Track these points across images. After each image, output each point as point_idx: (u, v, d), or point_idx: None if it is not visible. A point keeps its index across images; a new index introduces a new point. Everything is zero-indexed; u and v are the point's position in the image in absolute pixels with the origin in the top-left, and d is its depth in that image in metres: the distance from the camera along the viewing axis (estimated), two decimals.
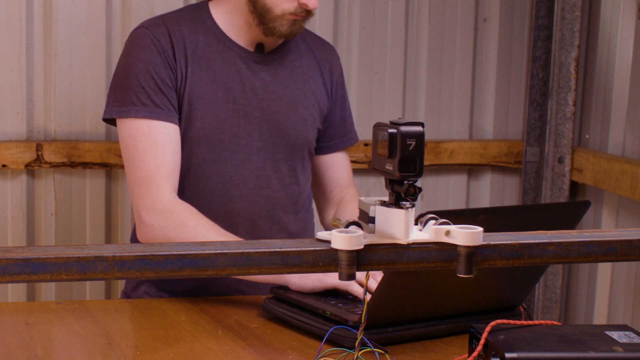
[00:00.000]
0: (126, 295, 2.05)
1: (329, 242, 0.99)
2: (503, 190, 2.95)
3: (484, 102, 2.89)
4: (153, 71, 1.91)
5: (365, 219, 1.04)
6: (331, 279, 1.71)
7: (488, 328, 1.36)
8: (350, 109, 2.19)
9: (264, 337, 1.62)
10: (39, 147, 2.45)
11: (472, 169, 2.91)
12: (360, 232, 0.99)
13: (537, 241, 1.03)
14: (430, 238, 1.02)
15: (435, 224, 1.02)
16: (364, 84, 2.76)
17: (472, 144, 2.86)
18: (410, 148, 0.99)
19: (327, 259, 0.98)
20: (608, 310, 2.68)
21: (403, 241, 1.01)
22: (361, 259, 0.99)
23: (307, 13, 1.92)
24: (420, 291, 1.57)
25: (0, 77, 2.44)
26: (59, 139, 2.49)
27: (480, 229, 1.01)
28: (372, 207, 1.03)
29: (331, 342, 1.52)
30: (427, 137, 3.20)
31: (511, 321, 1.42)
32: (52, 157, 2.46)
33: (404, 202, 1.01)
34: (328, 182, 2.16)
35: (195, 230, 1.80)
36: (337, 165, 2.16)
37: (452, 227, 1.01)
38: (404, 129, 0.99)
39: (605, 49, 2.70)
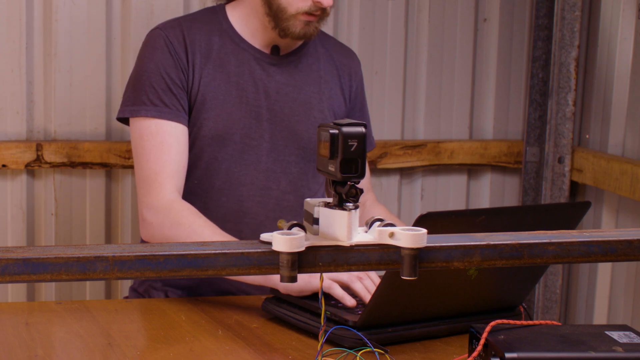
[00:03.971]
0: (133, 289, 2.08)
1: (270, 243, 0.98)
2: (503, 190, 2.95)
3: (484, 102, 2.89)
4: (164, 72, 1.94)
5: (310, 220, 1.03)
6: (318, 282, 1.70)
7: (488, 328, 1.36)
8: (369, 115, 2.21)
9: (264, 337, 1.62)
10: (39, 147, 2.45)
11: (472, 169, 2.91)
12: (302, 234, 0.98)
13: (537, 241, 1.03)
14: (374, 240, 1.01)
15: (379, 226, 1.01)
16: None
17: (472, 144, 2.86)
18: (352, 149, 0.98)
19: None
20: (608, 310, 2.68)
21: (346, 243, 0.99)
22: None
23: (322, 12, 1.92)
24: (420, 291, 1.57)
25: (0, 77, 2.43)
26: (59, 139, 2.49)
27: (424, 230, 0.99)
28: (316, 209, 1.02)
29: (331, 342, 1.52)
30: (427, 137, 3.19)
31: (511, 321, 1.42)
32: (52, 157, 2.46)
33: (347, 204, 1.00)
34: None
35: (190, 229, 1.81)
36: None
37: (396, 229, 1.00)
38: (345, 129, 0.98)
39: (605, 49, 2.70)
